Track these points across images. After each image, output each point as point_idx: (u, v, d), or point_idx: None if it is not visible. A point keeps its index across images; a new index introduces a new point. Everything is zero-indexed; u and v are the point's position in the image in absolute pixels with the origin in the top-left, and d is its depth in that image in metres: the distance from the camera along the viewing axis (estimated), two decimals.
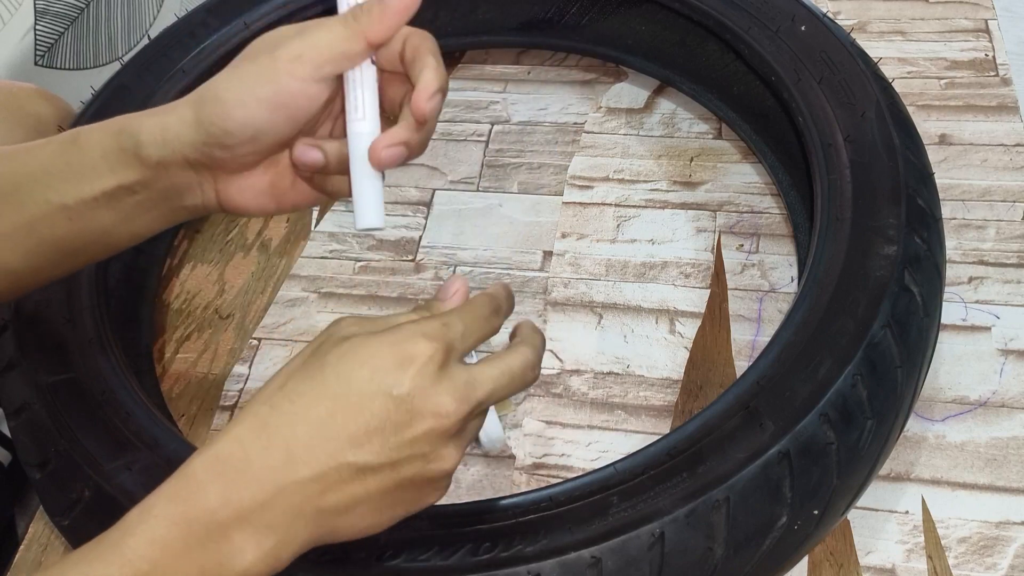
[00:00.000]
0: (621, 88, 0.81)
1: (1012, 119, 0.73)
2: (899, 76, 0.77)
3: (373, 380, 0.38)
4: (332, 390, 0.38)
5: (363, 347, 0.39)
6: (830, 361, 0.49)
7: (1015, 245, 0.66)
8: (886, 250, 0.53)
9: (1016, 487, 0.55)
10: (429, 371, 0.39)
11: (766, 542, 0.46)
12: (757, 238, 0.69)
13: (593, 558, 0.44)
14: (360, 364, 0.38)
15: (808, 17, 0.65)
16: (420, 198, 0.76)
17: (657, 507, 0.45)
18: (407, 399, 0.38)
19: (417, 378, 0.38)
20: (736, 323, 0.64)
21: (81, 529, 0.52)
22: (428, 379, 0.38)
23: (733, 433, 0.48)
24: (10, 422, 0.57)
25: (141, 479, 0.51)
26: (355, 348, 0.39)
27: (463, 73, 0.85)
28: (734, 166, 0.74)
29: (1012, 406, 0.58)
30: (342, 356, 0.39)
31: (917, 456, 0.57)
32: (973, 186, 0.69)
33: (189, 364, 0.67)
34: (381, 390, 0.38)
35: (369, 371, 0.38)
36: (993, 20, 0.81)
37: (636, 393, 0.62)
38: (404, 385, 0.38)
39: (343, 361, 0.39)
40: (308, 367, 0.40)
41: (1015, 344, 0.61)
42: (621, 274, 0.68)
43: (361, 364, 0.38)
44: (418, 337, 0.39)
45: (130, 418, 0.54)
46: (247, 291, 0.71)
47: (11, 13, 0.80)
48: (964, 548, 0.53)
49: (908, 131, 0.60)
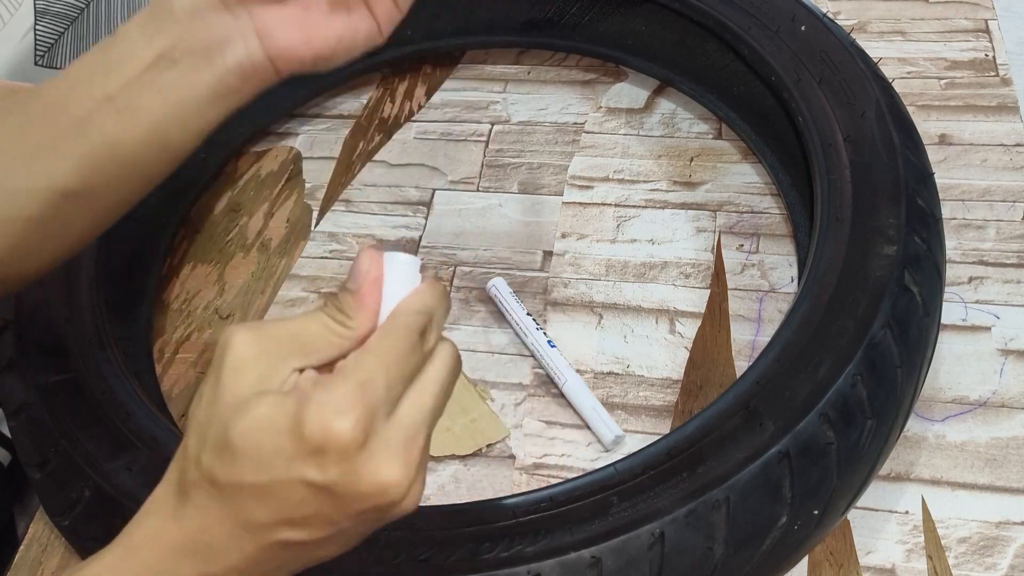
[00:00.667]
0: (621, 88, 0.81)
1: (1012, 119, 0.73)
2: (899, 76, 0.77)
3: (289, 469, 0.32)
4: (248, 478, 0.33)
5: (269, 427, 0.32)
6: (830, 361, 0.49)
7: (1015, 245, 0.66)
8: (886, 250, 0.53)
9: (1016, 487, 0.55)
10: (351, 452, 0.32)
11: (766, 542, 0.46)
12: (757, 238, 0.69)
13: (593, 558, 0.44)
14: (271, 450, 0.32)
15: (808, 17, 0.65)
16: (420, 198, 0.76)
17: (657, 507, 0.45)
18: (334, 486, 0.32)
19: (339, 465, 0.32)
20: (736, 323, 0.64)
21: (81, 529, 0.52)
22: (353, 461, 0.32)
23: (733, 433, 0.48)
24: (10, 422, 0.57)
25: (141, 479, 0.51)
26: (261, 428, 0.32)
27: (463, 73, 0.85)
28: (734, 166, 0.74)
29: (1012, 406, 0.58)
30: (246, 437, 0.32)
31: (917, 456, 0.57)
32: (973, 186, 0.69)
33: (189, 364, 0.67)
34: (300, 479, 0.32)
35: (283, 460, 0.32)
36: (993, 20, 0.81)
37: (636, 393, 0.62)
38: (325, 474, 0.32)
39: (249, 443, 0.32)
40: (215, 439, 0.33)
41: (1015, 344, 0.61)
42: (621, 274, 0.68)
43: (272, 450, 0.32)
44: (329, 416, 0.32)
45: (130, 418, 0.54)
46: (247, 291, 0.71)
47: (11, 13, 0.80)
48: (964, 548, 0.53)
49: (908, 131, 0.60)
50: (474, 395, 0.62)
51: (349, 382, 0.33)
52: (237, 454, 0.33)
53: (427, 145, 0.79)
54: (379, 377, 0.33)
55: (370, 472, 0.32)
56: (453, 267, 0.71)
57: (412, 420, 0.34)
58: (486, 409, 0.62)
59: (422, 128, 0.81)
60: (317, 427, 0.32)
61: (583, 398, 0.60)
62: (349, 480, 0.32)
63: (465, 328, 0.67)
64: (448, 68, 0.85)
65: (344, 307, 0.35)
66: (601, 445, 0.59)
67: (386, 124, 0.82)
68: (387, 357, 0.34)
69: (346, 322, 0.35)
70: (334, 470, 0.32)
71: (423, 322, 0.35)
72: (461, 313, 0.68)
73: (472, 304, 0.68)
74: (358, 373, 0.33)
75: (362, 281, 0.35)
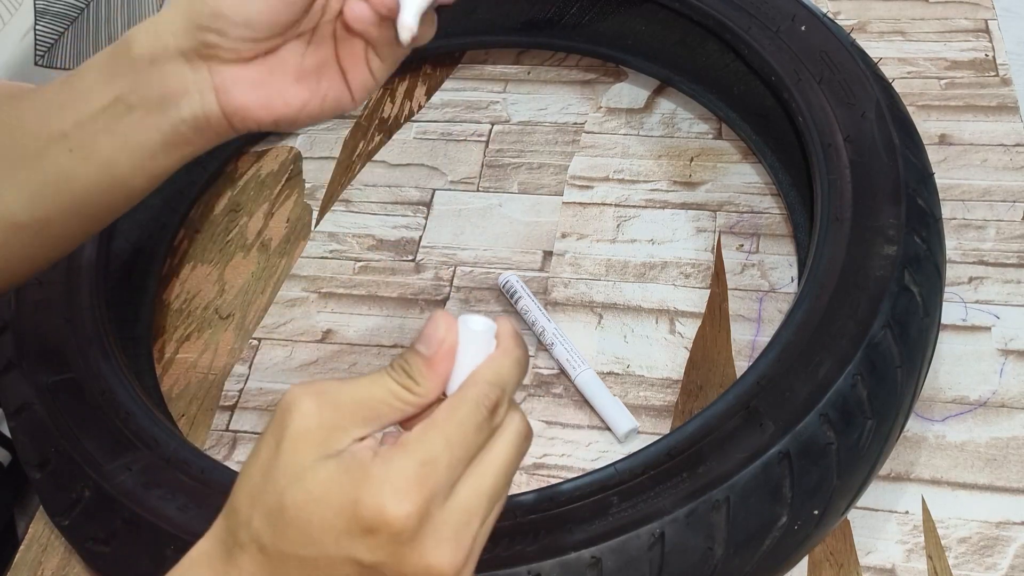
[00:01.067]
0: (621, 88, 0.81)
1: (1012, 119, 0.73)
2: (899, 76, 0.77)
3: (339, 545, 0.32)
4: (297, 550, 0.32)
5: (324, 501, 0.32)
6: (830, 361, 0.49)
7: (1015, 245, 0.66)
8: (886, 250, 0.53)
9: (1016, 487, 0.55)
10: (404, 537, 0.31)
11: (766, 542, 0.46)
12: (757, 238, 0.69)
13: (593, 558, 0.44)
14: (322, 525, 0.32)
15: (808, 17, 0.65)
16: (420, 198, 0.76)
17: (657, 507, 0.45)
18: (382, 567, 0.32)
19: (389, 547, 0.32)
20: (736, 323, 0.64)
21: (81, 529, 0.52)
22: (404, 544, 0.31)
23: (733, 433, 0.48)
24: (10, 422, 0.57)
25: (141, 479, 0.51)
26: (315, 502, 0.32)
27: (463, 73, 0.85)
28: (734, 166, 0.74)
29: (1012, 406, 0.58)
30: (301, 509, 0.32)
31: (917, 456, 0.57)
32: (973, 186, 0.69)
33: (189, 364, 0.67)
34: (349, 557, 0.32)
35: (333, 536, 0.32)
36: (993, 20, 0.81)
37: (636, 393, 0.62)
38: (374, 554, 0.32)
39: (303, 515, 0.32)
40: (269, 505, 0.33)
41: (1015, 344, 0.61)
42: (621, 274, 0.68)
43: (323, 526, 0.32)
44: (386, 497, 0.31)
45: (130, 418, 0.54)
46: (247, 291, 0.71)
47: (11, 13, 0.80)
48: (964, 548, 0.53)
49: (908, 131, 0.60)
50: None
51: (410, 460, 0.32)
52: (289, 524, 0.32)
53: (427, 145, 0.80)
54: (442, 456, 0.32)
55: (420, 556, 0.32)
56: (453, 267, 0.71)
57: (468, 504, 0.33)
58: None
59: (422, 128, 0.81)
60: (373, 507, 0.31)
61: (598, 388, 0.60)
62: (397, 563, 0.32)
63: None
64: (448, 68, 0.85)
65: (412, 372, 0.34)
66: (615, 436, 0.59)
67: (386, 124, 0.82)
68: (453, 435, 0.32)
69: (413, 388, 0.34)
70: (383, 552, 0.32)
71: (495, 396, 0.33)
72: (460, 313, 0.67)
73: (472, 304, 0.68)
74: (420, 451, 0.32)
75: (436, 348, 0.34)
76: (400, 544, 0.31)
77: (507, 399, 0.34)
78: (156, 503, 0.50)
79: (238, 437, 0.63)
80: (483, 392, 0.33)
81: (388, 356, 0.66)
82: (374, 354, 0.66)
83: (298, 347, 0.68)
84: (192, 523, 0.49)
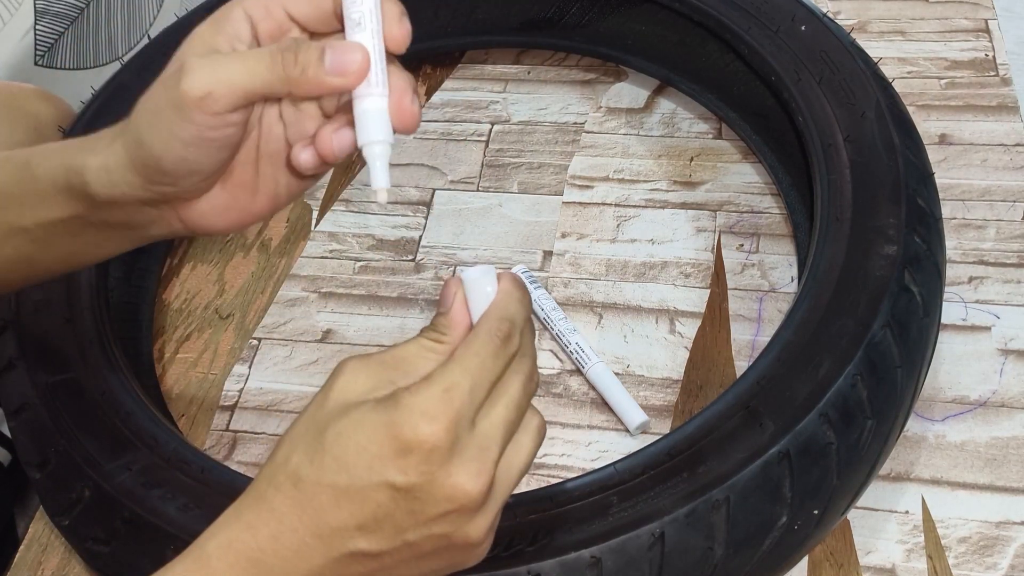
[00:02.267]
0: (621, 88, 0.81)
1: (1012, 119, 0.73)
2: (899, 76, 0.77)
3: (372, 470, 0.34)
4: (331, 477, 0.35)
5: (360, 428, 0.35)
6: (830, 361, 0.49)
7: (1015, 245, 0.66)
8: (886, 250, 0.53)
9: (1016, 487, 0.55)
10: (435, 457, 0.34)
11: (766, 542, 0.46)
12: (757, 238, 0.69)
13: (593, 558, 0.44)
14: (357, 450, 0.35)
15: (808, 17, 0.65)
16: (420, 198, 0.76)
17: (657, 507, 0.45)
18: (413, 489, 0.34)
19: (422, 466, 0.34)
20: (736, 323, 0.64)
21: (81, 529, 0.52)
22: (435, 464, 0.34)
23: (733, 433, 0.48)
24: (10, 422, 0.57)
25: (141, 479, 0.51)
26: (352, 428, 0.35)
27: (463, 73, 0.85)
28: (734, 166, 0.74)
29: (1012, 406, 0.58)
30: (338, 436, 0.35)
31: (917, 456, 0.57)
32: (973, 186, 0.69)
33: (189, 364, 0.67)
34: (382, 481, 0.34)
35: (367, 459, 0.34)
36: (993, 20, 0.81)
37: (636, 393, 0.61)
38: (407, 476, 0.34)
39: (339, 443, 0.35)
40: (308, 440, 0.36)
41: (1015, 344, 0.61)
42: (621, 274, 0.68)
43: (358, 450, 0.35)
44: (417, 419, 0.34)
45: (130, 418, 0.54)
46: (247, 291, 0.71)
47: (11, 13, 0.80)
48: (964, 548, 0.53)
49: (908, 131, 0.60)
50: None
51: (435, 387, 0.35)
52: (326, 452, 0.35)
53: (427, 145, 0.80)
54: (463, 382, 0.35)
55: (448, 476, 0.34)
56: (453, 267, 0.71)
57: (486, 432, 0.36)
58: None
59: (422, 128, 0.81)
60: (407, 428, 0.34)
61: (611, 382, 0.61)
62: (427, 483, 0.34)
63: None
64: (448, 68, 0.85)
65: (438, 327, 0.38)
66: (627, 429, 0.59)
67: None
68: (470, 363, 0.36)
69: (441, 339, 0.38)
70: (414, 472, 0.34)
71: (505, 328, 0.37)
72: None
73: None
74: (444, 379, 0.35)
75: (451, 302, 0.38)
76: (431, 464, 0.34)
77: (517, 330, 0.37)
78: (156, 503, 0.50)
79: (238, 437, 0.63)
80: (493, 325, 0.37)
81: None
82: None
83: (298, 347, 0.68)
84: (192, 523, 0.49)
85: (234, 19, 0.39)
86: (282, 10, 0.39)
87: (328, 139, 0.40)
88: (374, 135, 0.38)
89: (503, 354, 0.37)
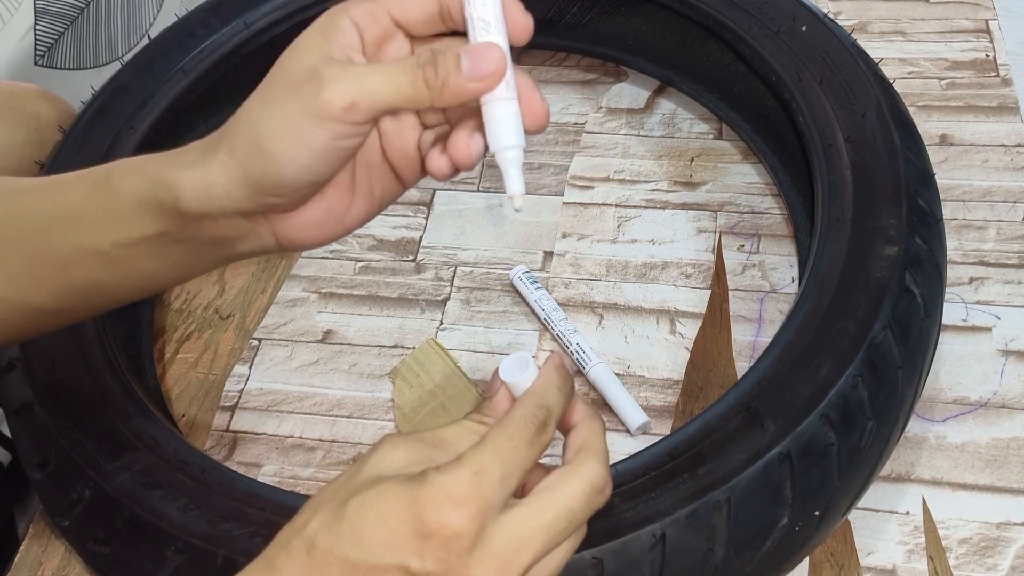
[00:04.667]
0: (621, 88, 0.81)
1: (1013, 119, 0.73)
2: (900, 76, 0.77)
3: (388, 549, 0.33)
4: (345, 550, 0.33)
5: (382, 500, 0.33)
6: (831, 362, 0.49)
7: (1016, 246, 0.66)
8: (887, 251, 0.53)
9: (1016, 487, 0.55)
10: (456, 546, 0.32)
11: (767, 543, 0.46)
12: (758, 238, 0.69)
13: (594, 559, 0.44)
14: (376, 522, 0.33)
15: (809, 17, 0.65)
16: (420, 198, 0.76)
17: (658, 508, 0.45)
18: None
19: (440, 553, 0.32)
20: (737, 324, 0.64)
21: (81, 529, 0.52)
22: (455, 553, 0.32)
23: (734, 434, 0.48)
24: (10, 422, 0.57)
25: (141, 479, 0.51)
26: (374, 499, 0.33)
27: None
28: (734, 166, 0.74)
29: (1012, 407, 0.58)
30: (360, 506, 0.33)
31: (918, 457, 0.57)
32: (974, 186, 0.69)
33: (189, 364, 0.67)
34: (396, 563, 0.33)
35: (384, 535, 0.33)
36: (993, 20, 0.81)
37: (637, 394, 0.61)
38: (424, 561, 0.32)
39: (359, 513, 0.33)
40: (331, 507, 0.34)
41: (1016, 345, 0.61)
42: (622, 274, 0.68)
43: (377, 523, 0.33)
44: (442, 503, 0.32)
45: (130, 418, 0.54)
46: (247, 291, 0.71)
47: (11, 13, 0.80)
48: (965, 549, 0.53)
49: (909, 131, 0.60)
50: (475, 396, 0.62)
51: (464, 469, 0.33)
52: (345, 522, 0.33)
53: None
54: (494, 468, 0.34)
55: (465, 568, 0.33)
56: (453, 267, 0.70)
57: (521, 532, 0.34)
58: None
59: None
60: (429, 510, 0.32)
61: (612, 382, 0.61)
62: (444, 572, 0.32)
63: (465, 328, 0.67)
64: None
65: (482, 409, 0.39)
66: (627, 430, 0.59)
67: None
68: (503, 448, 0.34)
69: (484, 420, 0.38)
70: (431, 558, 0.32)
71: (541, 415, 0.36)
72: (461, 313, 0.68)
73: (472, 304, 0.68)
74: (474, 462, 0.34)
75: (495, 389, 0.39)
76: (451, 552, 0.32)
77: (553, 419, 0.37)
78: (156, 503, 0.50)
79: (238, 437, 0.63)
80: (529, 411, 0.36)
81: (388, 356, 0.66)
82: (374, 354, 0.66)
83: (298, 347, 0.67)
84: (192, 523, 0.49)
85: (343, 28, 0.37)
86: (387, 15, 0.37)
87: (464, 146, 0.38)
88: (507, 140, 0.37)
89: (537, 443, 0.36)
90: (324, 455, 0.62)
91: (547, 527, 0.34)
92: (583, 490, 0.35)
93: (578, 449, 0.37)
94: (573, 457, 0.37)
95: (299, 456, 0.62)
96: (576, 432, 0.38)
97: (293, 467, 0.61)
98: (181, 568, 0.48)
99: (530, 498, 0.35)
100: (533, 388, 0.38)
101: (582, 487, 0.35)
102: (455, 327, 0.67)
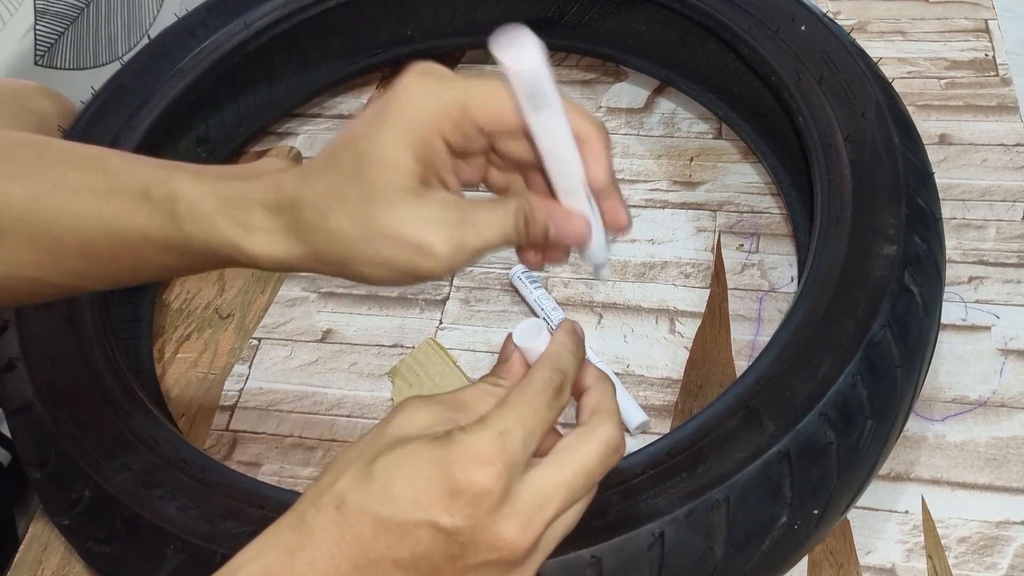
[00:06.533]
0: (621, 88, 0.81)
1: (1012, 119, 0.73)
2: (899, 76, 0.77)
3: (419, 506, 0.34)
4: (375, 507, 0.34)
5: (411, 460, 0.35)
6: (830, 361, 0.49)
7: (1015, 245, 0.66)
8: (886, 250, 0.53)
9: (1016, 487, 0.55)
10: (484, 503, 0.34)
11: (766, 542, 0.46)
12: (757, 238, 0.69)
13: (593, 558, 0.44)
14: (406, 482, 0.34)
15: (808, 17, 0.65)
16: None
17: (657, 507, 0.45)
18: (457, 532, 0.34)
19: (468, 509, 0.34)
20: (736, 323, 0.64)
21: (81, 529, 0.52)
22: (483, 510, 0.34)
23: (733, 433, 0.48)
24: (10, 422, 0.57)
25: (141, 479, 0.51)
26: (403, 460, 0.35)
27: (464, 73, 0.85)
28: (734, 166, 0.74)
29: (1012, 406, 0.58)
30: (388, 466, 0.35)
31: (917, 456, 0.57)
32: (973, 186, 0.69)
33: (189, 364, 0.67)
34: (427, 520, 0.34)
35: (414, 493, 0.34)
36: (993, 20, 0.81)
37: (636, 393, 0.61)
38: (453, 518, 0.34)
39: (388, 472, 0.35)
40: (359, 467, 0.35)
41: (1015, 344, 0.61)
42: (621, 274, 0.68)
43: (406, 483, 0.34)
44: (470, 462, 0.34)
45: (130, 418, 0.54)
46: (247, 291, 0.71)
47: (11, 13, 0.80)
48: (964, 548, 0.53)
49: (908, 131, 0.60)
50: None
51: (489, 430, 0.35)
52: (374, 481, 0.35)
53: None
54: (516, 428, 0.35)
55: (493, 524, 0.34)
56: None
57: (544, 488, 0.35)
58: None
59: None
60: (457, 470, 0.34)
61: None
62: (472, 528, 0.34)
63: (464, 328, 0.67)
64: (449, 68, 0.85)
65: (498, 371, 0.40)
66: (626, 429, 0.59)
67: None
68: (524, 410, 0.36)
69: (500, 382, 0.39)
70: (460, 515, 0.34)
71: (558, 379, 0.38)
72: (460, 313, 0.68)
73: (471, 304, 0.68)
74: (498, 423, 0.35)
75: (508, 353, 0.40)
76: (479, 508, 0.34)
77: (569, 382, 0.38)
78: (156, 503, 0.50)
79: (238, 437, 0.63)
80: (546, 375, 0.37)
81: (388, 356, 0.66)
82: (374, 354, 0.66)
83: (298, 347, 0.68)
84: (192, 522, 0.49)
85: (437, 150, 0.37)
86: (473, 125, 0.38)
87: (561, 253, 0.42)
88: (596, 260, 0.43)
89: (555, 405, 0.37)
90: (324, 454, 0.62)
91: (567, 484, 0.36)
92: (599, 450, 0.37)
93: (592, 411, 0.38)
94: (588, 419, 0.38)
95: (299, 455, 0.62)
96: (589, 394, 0.39)
97: (293, 466, 0.61)
98: (181, 567, 0.48)
99: (550, 457, 0.36)
100: (548, 352, 0.39)
101: (598, 447, 0.37)
102: (454, 326, 0.67)
